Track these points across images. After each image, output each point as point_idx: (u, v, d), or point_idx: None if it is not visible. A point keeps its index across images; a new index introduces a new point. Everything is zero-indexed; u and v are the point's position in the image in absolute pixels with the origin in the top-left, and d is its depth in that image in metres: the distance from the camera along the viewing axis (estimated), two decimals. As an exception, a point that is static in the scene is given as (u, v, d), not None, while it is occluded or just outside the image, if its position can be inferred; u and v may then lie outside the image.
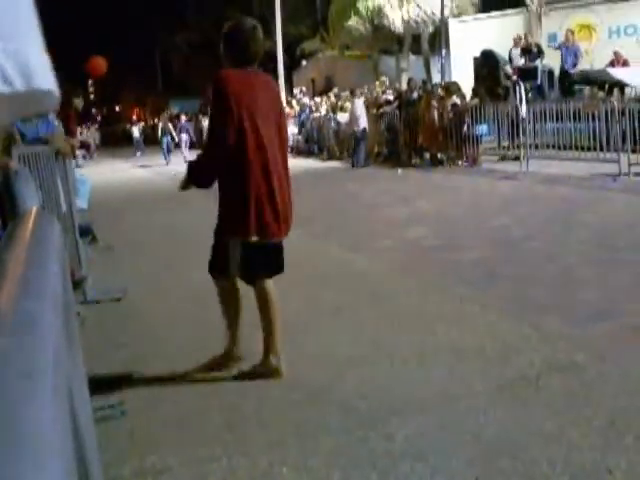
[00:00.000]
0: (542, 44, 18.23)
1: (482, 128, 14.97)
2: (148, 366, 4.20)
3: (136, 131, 33.72)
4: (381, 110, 18.22)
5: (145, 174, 21.52)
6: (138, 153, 30.90)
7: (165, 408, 3.61)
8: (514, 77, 15.99)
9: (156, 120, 30.34)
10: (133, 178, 20.13)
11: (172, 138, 25.38)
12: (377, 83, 21.12)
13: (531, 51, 17.19)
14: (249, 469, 2.89)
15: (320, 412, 3.38)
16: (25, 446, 0.38)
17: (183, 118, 28.05)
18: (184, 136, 25.42)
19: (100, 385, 3.67)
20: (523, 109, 14.61)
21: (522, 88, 15.51)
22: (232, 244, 3.85)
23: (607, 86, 14.38)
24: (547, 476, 2.65)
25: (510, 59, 17.21)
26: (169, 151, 24.93)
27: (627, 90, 14.24)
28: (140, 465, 2.99)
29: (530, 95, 16.36)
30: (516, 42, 17.41)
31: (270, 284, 4.01)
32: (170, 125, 25.94)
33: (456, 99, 15.85)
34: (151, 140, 30.36)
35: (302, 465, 2.88)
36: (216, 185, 3.93)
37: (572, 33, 17.65)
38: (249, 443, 3.12)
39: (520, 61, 17.20)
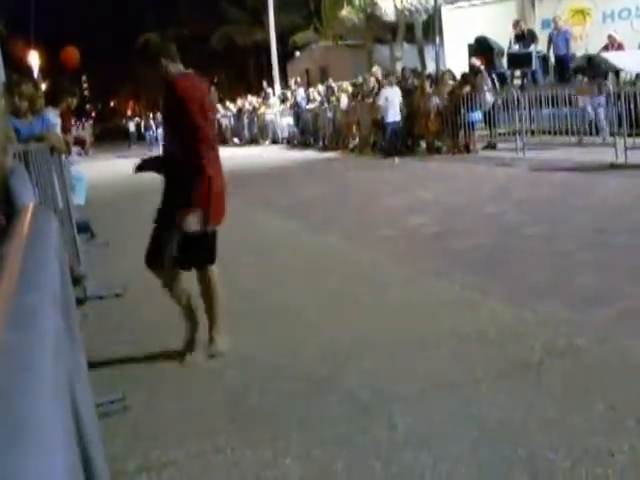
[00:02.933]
0: (536, 30, 18.19)
1: (476, 115, 14.95)
2: (150, 360, 4.20)
3: (132, 126, 35.63)
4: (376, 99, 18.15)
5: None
6: (134, 147, 32.54)
7: (168, 402, 3.61)
8: (481, 67, 15.96)
9: (139, 118, 34.17)
10: (128, 173, 20.08)
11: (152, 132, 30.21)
12: (370, 73, 21.04)
13: (525, 37, 17.16)
14: (253, 461, 2.89)
15: (323, 402, 3.39)
16: (25, 439, 0.38)
17: (159, 115, 31.33)
18: (160, 131, 29.44)
19: (103, 379, 3.68)
20: (488, 98, 14.69)
21: (488, 77, 15.58)
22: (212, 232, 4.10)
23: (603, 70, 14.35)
24: (550, 461, 2.66)
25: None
26: (151, 144, 29.26)
27: (622, 74, 14.22)
28: (144, 459, 3.00)
29: (526, 80, 16.39)
30: (515, 27, 17.41)
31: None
32: (152, 121, 30.36)
33: (451, 86, 15.84)
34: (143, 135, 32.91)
35: (306, 455, 2.89)
36: None
37: (559, 19, 17.66)
38: (252, 435, 3.13)
39: (514, 47, 17.18)
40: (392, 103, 16.33)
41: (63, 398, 0.53)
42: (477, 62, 16.16)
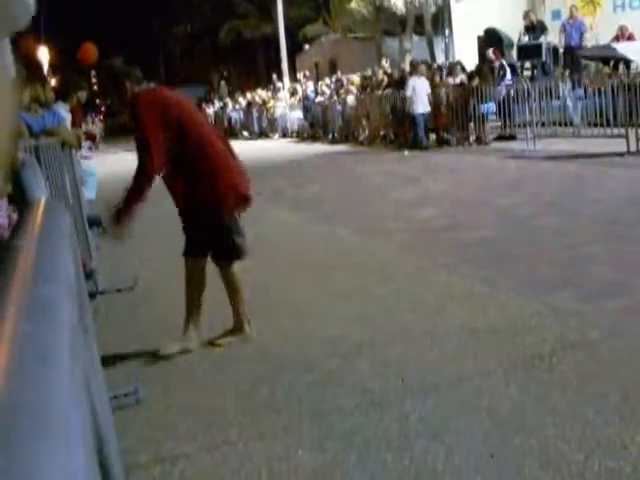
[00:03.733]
0: (546, 21, 18.08)
1: (488, 106, 14.84)
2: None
3: None
4: (385, 92, 18.11)
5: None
6: None
7: (180, 395, 3.63)
8: (496, 62, 15.88)
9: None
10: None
11: None
12: (379, 66, 21.00)
13: (535, 28, 17.06)
14: (265, 453, 2.90)
15: (334, 394, 3.39)
16: (45, 430, 0.38)
17: None
18: None
19: (115, 373, 3.69)
20: (502, 89, 14.62)
21: (505, 69, 15.51)
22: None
23: (612, 61, 14.25)
24: (562, 453, 2.65)
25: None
26: None
27: (633, 65, 14.11)
28: (157, 451, 3.01)
29: (536, 72, 16.30)
30: (524, 18, 17.33)
31: None
32: None
33: (462, 78, 15.79)
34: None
35: (318, 447, 2.89)
36: None
37: (576, 9, 17.51)
38: (265, 427, 3.13)
39: (524, 38, 17.08)
40: (420, 94, 15.53)
41: (80, 389, 0.53)
42: (492, 56, 16.07)
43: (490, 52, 16.22)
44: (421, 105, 15.55)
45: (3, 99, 0.60)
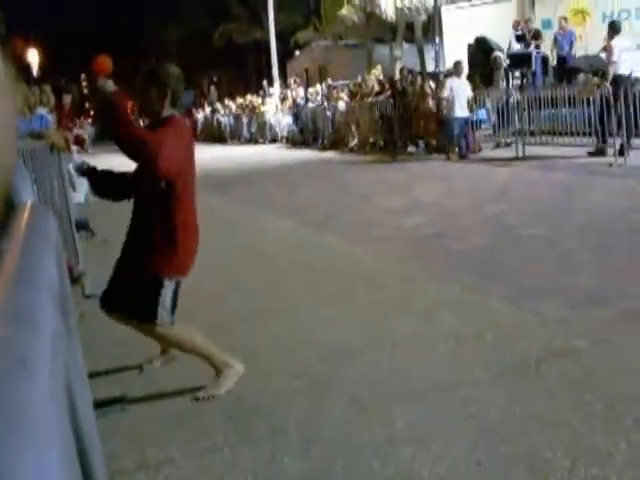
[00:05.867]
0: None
1: (481, 113, 14.82)
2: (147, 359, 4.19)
3: None
4: (374, 99, 18.14)
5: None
6: None
7: (166, 401, 3.61)
8: (504, 62, 15.98)
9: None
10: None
11: None
12: (372, 73, 21.02)
13: (525, 38, 17.17)
14: (251, 459, 2.89)
15: (321, 401, 3.38)
16: (19, 435, 0.37)
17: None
18: None
19: (101, 379, 3.67)
20: (514, 96, 14.68)
21: (507, 73, 15.61)
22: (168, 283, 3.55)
23: (601, 71, 14.33)
24: (548, 460, 2.66)
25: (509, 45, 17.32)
26: None
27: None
28: (142, 457, 2.99)
29: (526, 81, 16.39)
30: (515, 27, 17.47)
31: None
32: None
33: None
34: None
35: (304, 454, 2.88)
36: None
37: (565, 20, 17.63)
38: (251, 433, 3.12)
39: (516, 47, 17.18)
40: (458, 96, 14.22)
41: (60, 394, 0.53)
42: (501, 55, 16.09)
43: (497, 53, 16.20)
44: (459, 109, 14.24)
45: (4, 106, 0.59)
